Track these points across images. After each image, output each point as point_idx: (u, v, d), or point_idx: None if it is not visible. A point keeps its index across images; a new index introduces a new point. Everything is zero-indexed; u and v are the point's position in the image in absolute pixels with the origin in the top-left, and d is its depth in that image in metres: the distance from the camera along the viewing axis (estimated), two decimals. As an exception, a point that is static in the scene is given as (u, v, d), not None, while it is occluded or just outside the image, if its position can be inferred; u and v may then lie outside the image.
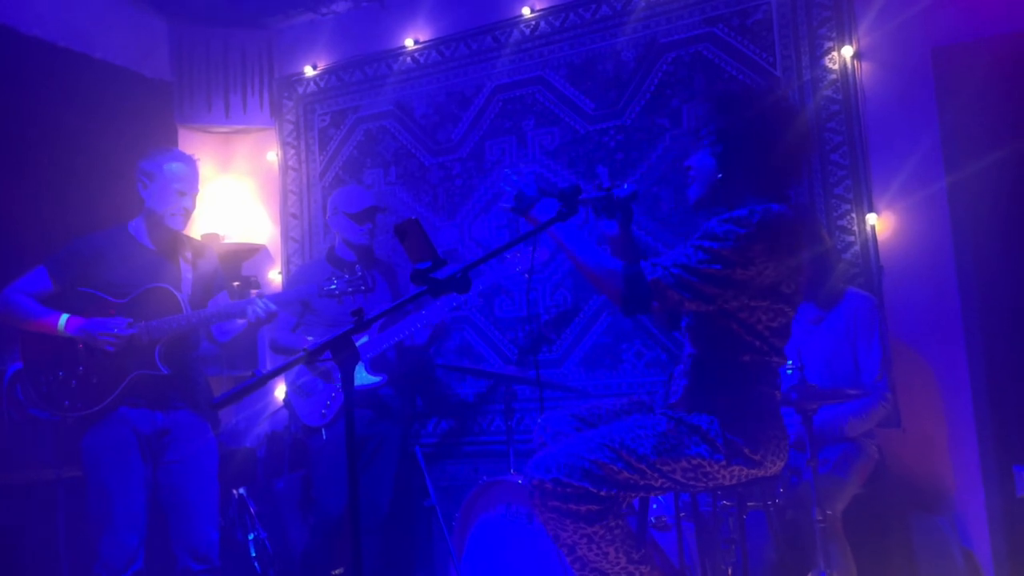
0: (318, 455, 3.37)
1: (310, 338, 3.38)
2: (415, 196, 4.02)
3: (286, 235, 4.30)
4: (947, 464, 3.05)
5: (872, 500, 2.92)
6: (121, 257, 2.89)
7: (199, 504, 2.87)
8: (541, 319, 3.71)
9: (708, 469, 1.94)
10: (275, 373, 1.67)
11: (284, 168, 4.34)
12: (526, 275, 3.39)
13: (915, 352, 3.09)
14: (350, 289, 3.13)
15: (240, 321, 2.97)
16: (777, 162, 2.03)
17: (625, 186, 2.15)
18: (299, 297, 3.22)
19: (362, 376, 3.36)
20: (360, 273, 3.14)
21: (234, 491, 3.77)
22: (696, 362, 2.07)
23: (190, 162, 2.99)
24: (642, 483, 1.95)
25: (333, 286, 3.06)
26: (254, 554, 3.59)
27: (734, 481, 1.98)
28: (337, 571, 3.58)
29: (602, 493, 1.92)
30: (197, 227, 4.19)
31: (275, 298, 2.98)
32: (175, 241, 3.00)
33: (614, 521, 1.95)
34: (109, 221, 3.02)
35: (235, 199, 4.43)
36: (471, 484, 2.96)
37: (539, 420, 2.27)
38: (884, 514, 2.96)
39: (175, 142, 4.25)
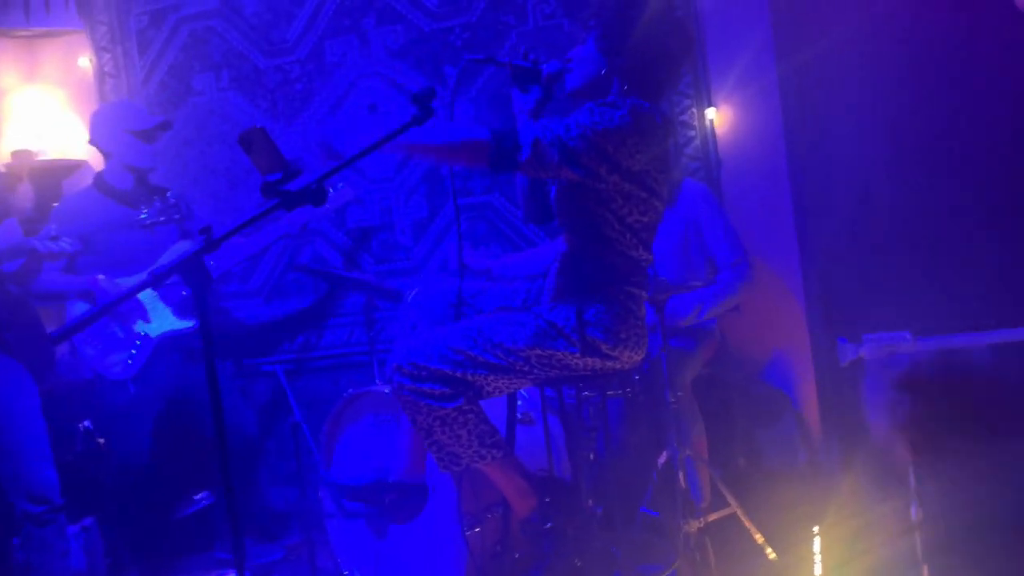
0: (126, 411, 3.12)
1: (101, 276, 3.02)
2: (251, 101, 3.79)
3: (110, 149, 3.95)
4: (781, 340, 3.31)
5: (716, 379, 3.15)
6: None
7: (24, 444, 2.67)
8: (396, 227, 3.65)
9: (562, 359, 2.02)
10: (120, 300, 1.56)
11: (100, 75, 3.94)
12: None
13: (750, 239, 3.28)
14: (162, 219, 2.91)
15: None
16: (660, 67, 2.07)
17: (552, 63, 2.12)
18: (80, 234, 2.92)
19: (170, 321, 3.13)
20: (174, 201, 2.92)
21: (80, 425, 3.56)
22: (567, 259, 2.11)
23: None
24: (494, 363, 2.01)
25: (143, 215, 2.84)
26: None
27: (588, 371, 2.07)
28: (199, 495, 3.51)
29: (456, 375, 1.99)
30: (6, 143, 3.79)
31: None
32: None
33: (467, 405, 2.02)
34: None
35: (46, 111, 4.01)
36: (335, 398, 2.94)
37: (410, 295, 2.27)
38: (728, 392, 3.20)
39: (-34, 48, 3.76)
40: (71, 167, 3.97)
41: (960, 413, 2.65)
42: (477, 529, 2.41)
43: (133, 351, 3.11)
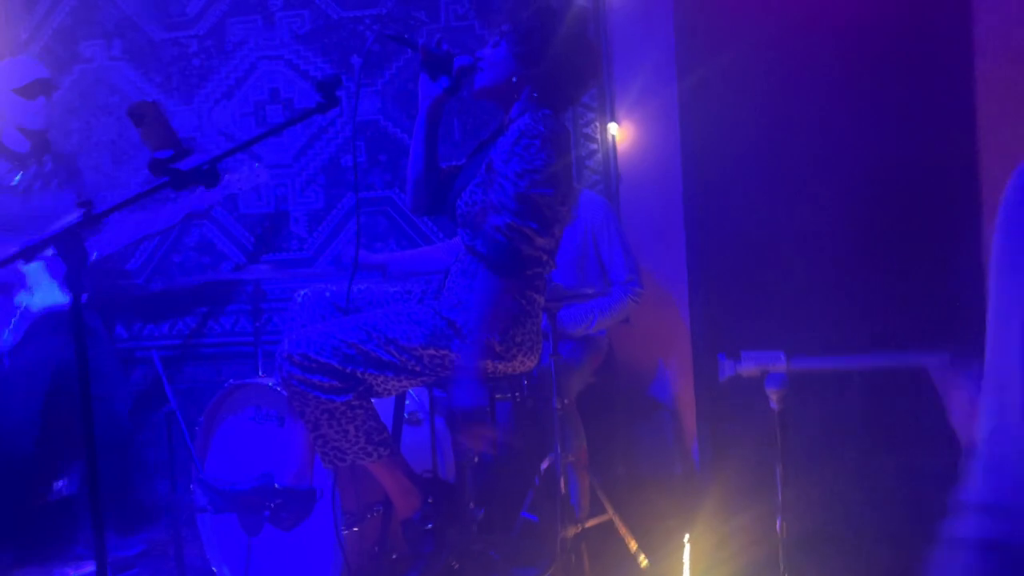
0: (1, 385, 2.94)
1: None
2: (144, 75, 3.62)
3: (-17, 110, 3.69)
4: (666, 354, 3.42)
5: (602, 389, 3.21)
6: None
7: None
8: (291, 216, 3.56)
9: (455, 360, 2.02)
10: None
11: (-23, 31, 3.69)
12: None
13: (643, 254, 3.37)
14: (37, 184, 2.75)
15: None
16: (570, 80, 2.11)
17: (465, 56, 2.10)
18: None
19: (55, 295, 2.98)
20: (51, 167, 2.77)
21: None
22: (467, 259, 2.11)
23: None
24: (387, 360, 1.99)
25: (16, 180, 2.68)
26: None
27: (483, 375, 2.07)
28: (60, 483, 3.32)
29: (347, 370, 1.97)
30: None
31: None
32: None
33: (357, 401, 2.00)
34: None
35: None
36: (215, 387, 2.84)
37: (298, 297, 2.22)
38: (611, 401, 3.27)
39: None
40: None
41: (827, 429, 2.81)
42: (355, 528, 2.37)
43: (12, 322, 2.92)
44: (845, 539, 2.28)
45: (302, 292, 2.23)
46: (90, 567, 2.90)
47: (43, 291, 2.97)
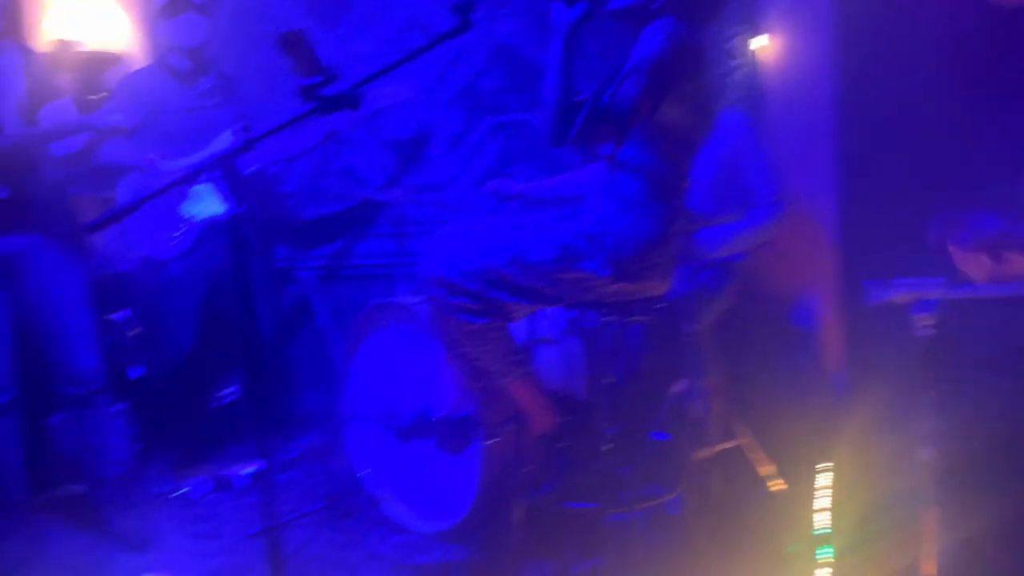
0: (168, 291, 3.18)
1: (155, 156, 3.05)
2: (292, 2, 3.74)
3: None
4: (812, 279, 3.29)
5: (740, 312, 3.14)
6: None
7: (69, 330, 2.74)
8: (430, 140, 3.64)
9: (594, 283, 2.02)
10: (157, 193, 1.58)
11: (142, -33, 3.90)
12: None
13: (788, 175, 3.23)
14: (203, 103, 2.90)
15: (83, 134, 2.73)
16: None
17: None
18: (140, 109, 2.98)
19: (216, 205, 3.14)
20: (209, 86, 2.89)
21: (115, 316, 3.66)
22: (605, 181, 2.10)
23: None
24: (525, 285, 2.03)
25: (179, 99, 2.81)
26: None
27: (617, 297, 2.08)
28: (227, 391, 3.62)
29: (487, 293, 2.03)
30: (46, 34, 3.78)
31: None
32: None
33: (495, 322, 2.07)
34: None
35: (86, 1, 3.99)
36: (360, 306, 2.99)
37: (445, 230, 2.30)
38: (751, 325, 3.20)
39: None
40: (111, 59, 3.95)
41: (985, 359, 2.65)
42: (492, 442, 2.47)
43: (179, 232, 3.14)
44: (996, 468, 2.19)
45: (447, 227, 2.29)
46: (255, 466, 3.18)
47: (205, 201, 3.19)
